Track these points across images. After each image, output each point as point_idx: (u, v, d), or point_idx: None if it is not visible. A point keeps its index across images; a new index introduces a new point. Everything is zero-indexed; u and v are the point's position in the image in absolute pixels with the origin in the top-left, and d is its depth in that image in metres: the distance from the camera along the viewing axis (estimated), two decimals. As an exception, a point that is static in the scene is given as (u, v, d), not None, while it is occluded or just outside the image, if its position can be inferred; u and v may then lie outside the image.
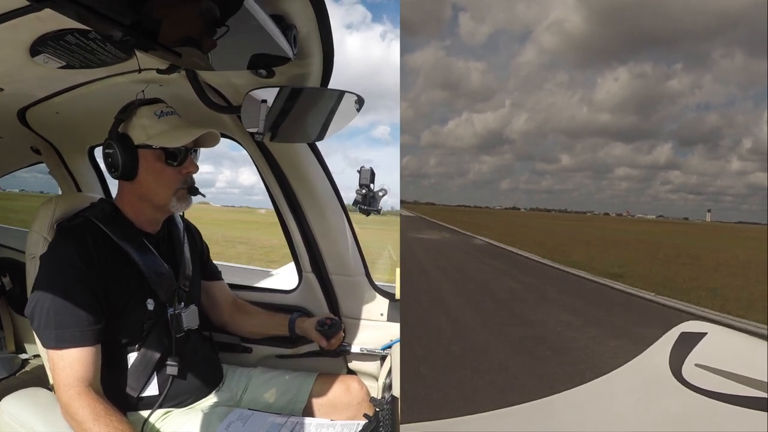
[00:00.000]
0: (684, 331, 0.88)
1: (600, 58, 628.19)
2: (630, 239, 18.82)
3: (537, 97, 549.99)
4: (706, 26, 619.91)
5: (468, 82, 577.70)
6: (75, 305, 1.06)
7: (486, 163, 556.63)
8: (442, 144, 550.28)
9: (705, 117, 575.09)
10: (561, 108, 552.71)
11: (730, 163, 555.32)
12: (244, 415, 1.26)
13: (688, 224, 72.39)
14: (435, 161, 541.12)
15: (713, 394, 0.72)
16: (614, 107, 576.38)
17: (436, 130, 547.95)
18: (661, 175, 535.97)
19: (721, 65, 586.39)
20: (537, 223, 33.22)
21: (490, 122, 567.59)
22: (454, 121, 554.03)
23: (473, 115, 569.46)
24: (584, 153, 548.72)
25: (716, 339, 0.84)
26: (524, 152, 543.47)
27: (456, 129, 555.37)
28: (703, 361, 0.79)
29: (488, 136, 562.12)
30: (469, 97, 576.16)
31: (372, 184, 1.30)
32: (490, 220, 30.57)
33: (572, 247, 12.20)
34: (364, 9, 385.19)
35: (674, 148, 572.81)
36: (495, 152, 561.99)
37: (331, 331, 1.41)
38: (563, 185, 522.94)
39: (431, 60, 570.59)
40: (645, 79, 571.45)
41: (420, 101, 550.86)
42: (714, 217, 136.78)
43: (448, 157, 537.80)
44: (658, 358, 0.84)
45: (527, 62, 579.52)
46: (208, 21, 0.72)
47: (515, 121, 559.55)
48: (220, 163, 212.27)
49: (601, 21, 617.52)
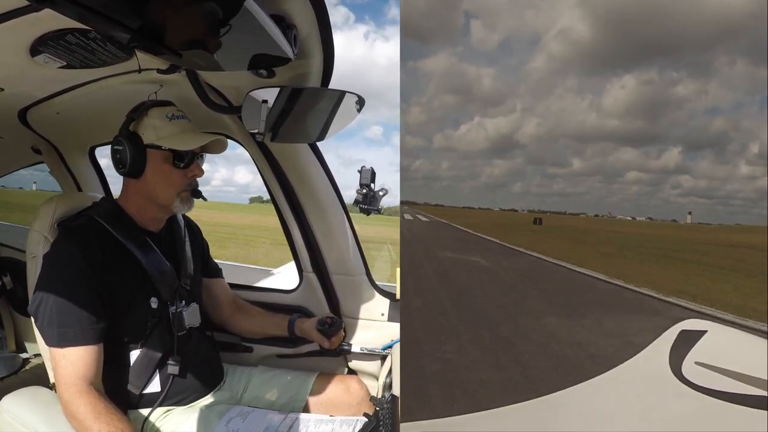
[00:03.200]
0: (684, 329, 0.88)
1: (606, 66, 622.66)
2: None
3: (547, 102, 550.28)
4: (708, 36, 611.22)
5: (479, 87, 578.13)
6: (78, 304, 1.06)
7: (498, 167, 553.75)
8: (455, 148, 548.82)
9: (712, 122, 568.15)
10: (571, 113, 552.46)
11: (738, 167, 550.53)
12: (243, 412, 1.26)
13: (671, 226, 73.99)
14: (448, 165, 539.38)
15: (713, 392, 0.72)
16: (622, 113, 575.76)
17: (449, 134, 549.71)
18: (671, 180, 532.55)
19: (724, 72, 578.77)
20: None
21: (502, 126, 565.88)
22: (466, 125, 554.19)
23: (485, 120, 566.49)
24: (595, 157, 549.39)
25: (716, 337, 0.84)
26: (536, 156, 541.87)
27: (468, 133, 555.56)
28: (703, 359, 0.79)
29: (500, 140, 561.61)
30: (481, 101, 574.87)
31: (372, 183, 1.31)
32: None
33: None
34: (347, 10, 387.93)
35: (683, 153, 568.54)
36: (507, 156, 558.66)
37: (332, 330, 1.42)
38: (575, 188, 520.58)
39: (444, 66, 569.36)
40: (651, 86, 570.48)
41: (433, 105, 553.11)
42: (723, 220, 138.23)
43: (461, 161, 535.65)
44: (658, 356, 0.84)
45: (537, 68, 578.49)
46: (208, 21, 0.72)
47: (526, 126, 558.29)
48: (214, 161, 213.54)
49: (605, 30, 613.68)
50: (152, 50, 0.80)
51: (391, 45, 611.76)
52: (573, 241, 14.45)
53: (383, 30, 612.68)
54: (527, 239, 13.63)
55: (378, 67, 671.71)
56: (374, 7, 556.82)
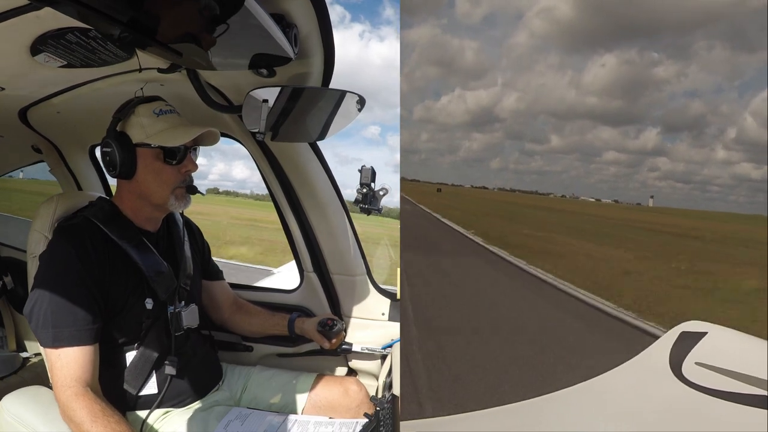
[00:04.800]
0: (684, 330, 0.88)
1: (587, 44, 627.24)
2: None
3: (528, 77, 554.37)
4: (688, 19, 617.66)
5: (462, 59, 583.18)
6: (72, 304, 1.05)
7: (477, 141, 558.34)
8: (434, 119, 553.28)
9: (690, 104, 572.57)
10: (551, 89, 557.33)
11: (716, 152, 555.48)
12: (242, 414, 1.26)
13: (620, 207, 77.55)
14: (427, 136, 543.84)
15: (714, 392, 0.72)
16: (602, 91, 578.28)
17: (429, 105, 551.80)
18: (648, 161, 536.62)
19: (703, 56, 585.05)
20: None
21: (482, 99, 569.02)
22: (447, 96, 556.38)
23: (466, 93, 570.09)
24: (573, 135, 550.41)
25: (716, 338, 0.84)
26: (514, 131, 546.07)
27: (449, 105, 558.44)
28: (704, 359, 0.79)
29: (480, 113, 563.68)
30: (463, 74, 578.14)
31: (373, 183, 1.30)
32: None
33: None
34: (342, 9, 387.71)
35: (661, 134, 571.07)
36: (486, 130, 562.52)
37: (333, 332, 1.41)
38: (552, 167, 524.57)
39: (427, 37, 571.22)
40: (631, 65, 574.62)
41: (415, 76, 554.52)
42: (701, 206, 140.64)
43: (440, 133, 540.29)
44: (659, 357, 0.84)
45: (519, 44, 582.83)
46: (209, 20, 0.72)
47: (506, 100, 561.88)
48: (211, 156, 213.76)
49: (587, 9, 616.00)
50: (152, 49, 0.80)
51: (386, 45, 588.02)
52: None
53: (378, 30, 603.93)
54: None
55: (373, 67, 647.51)
56: (369, 7, 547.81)
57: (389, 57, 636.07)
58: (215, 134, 1.21)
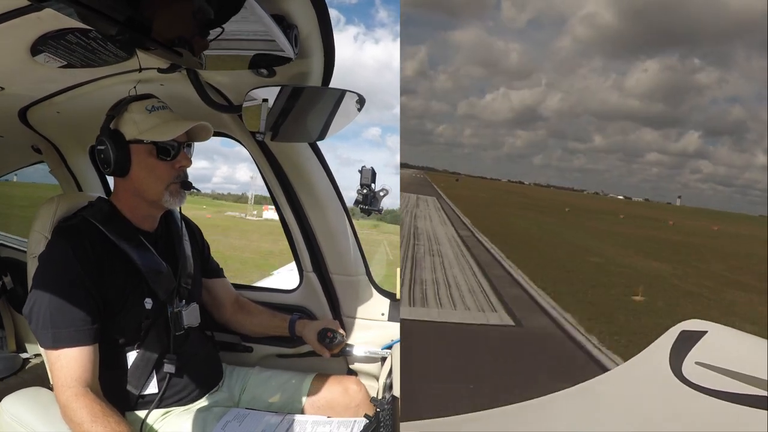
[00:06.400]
0: (684, 329, 0.88)
1: (629, 50, 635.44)
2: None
3: (571, 79, 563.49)
4: (727, 29, 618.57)
5: (506, 60, 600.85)
6: (71, 305, 1.05)
7: (520, 138, 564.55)
8: (479, 116, 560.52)
9: (731, 110, 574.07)
10: (594, 91, 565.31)
11: (756, 156, 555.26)
12: (240, 415, 1.26)
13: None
14: (470, 132, 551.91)
15: (714, 392, 0.72)
16: (643, 94, 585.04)
17: (474, 102, 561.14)
18: (690, 164, 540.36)
19: (743, 64, 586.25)
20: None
21: (526, 98, 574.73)
22: (491, 94, 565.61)
23: (510, 92, 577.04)
24: (615, 135, 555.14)
25: (716, 337, 0.84)
26: (558, 130, 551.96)
27: (493, 102, 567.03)
28: (704, 359, 0.79)
29: (524, 111, 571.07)
30: (507, 74, 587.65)
31: (373, 183, 1.30)
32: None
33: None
34: (336, 12, 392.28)
35: (702, 137, 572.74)
36: (529, 128, 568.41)
37: (333, 345, 1.41)
38: (595, 165, 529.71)
39: (471, 38, 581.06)
40: (673, 71, 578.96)
41: (459, 74, 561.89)
42: (741, 209, 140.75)
43: (484, 130, 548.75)
44: (658, 357, 0.84)
45: (562, 47, 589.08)
46: (209, 21, 0.72)
47: (550, 100, 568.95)
48: (210, 157, 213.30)
49: (628, 17, 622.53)
50: (152, 49, 0.80)
51: (380, 47, 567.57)
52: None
53: (373, 32, 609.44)
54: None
55: (367, 69, 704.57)
56: (363, 10, 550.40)
57: (383, 59, 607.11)
58: (208, 128, 1.20)
